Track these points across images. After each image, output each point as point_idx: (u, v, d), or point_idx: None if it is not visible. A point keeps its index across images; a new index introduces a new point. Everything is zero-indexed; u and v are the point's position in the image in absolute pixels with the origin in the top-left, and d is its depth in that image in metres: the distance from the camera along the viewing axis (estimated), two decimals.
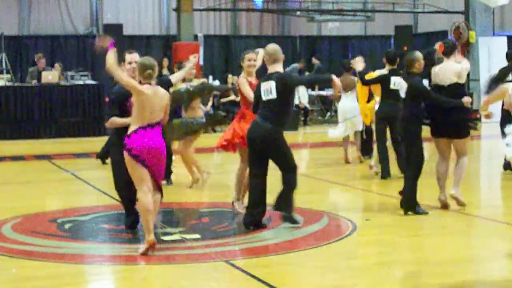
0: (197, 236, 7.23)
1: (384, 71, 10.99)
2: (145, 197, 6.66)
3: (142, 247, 6.69)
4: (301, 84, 7.13)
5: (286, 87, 7.50)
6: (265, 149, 7.55)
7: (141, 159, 6.61)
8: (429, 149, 9.44)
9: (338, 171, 12.14)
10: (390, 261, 6.51)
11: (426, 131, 8.45)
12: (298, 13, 25.55)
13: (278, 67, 7.66)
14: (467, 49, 22.02)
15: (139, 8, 25.62)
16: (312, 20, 25.42)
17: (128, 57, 7.40)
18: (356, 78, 11.81)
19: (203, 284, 5.99)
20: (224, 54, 25.58)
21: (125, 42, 19.52)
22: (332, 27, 26.37)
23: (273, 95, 7.50)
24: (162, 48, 24.04)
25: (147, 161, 6.63)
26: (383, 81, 10.76)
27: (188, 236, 7.24)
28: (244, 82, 8.29)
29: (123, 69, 7.13)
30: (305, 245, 7.03)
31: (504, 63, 11.33)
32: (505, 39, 21.76)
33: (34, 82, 18.79)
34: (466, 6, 22.36)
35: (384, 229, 7.84)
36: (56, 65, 20.46)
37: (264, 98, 7.56)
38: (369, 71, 11.85)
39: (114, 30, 19.32)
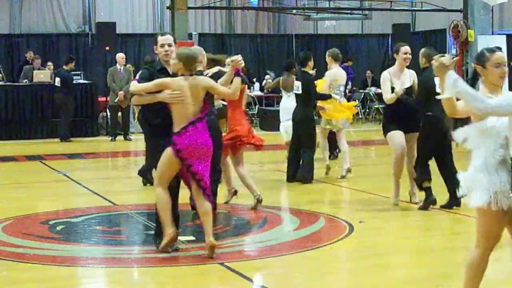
0: (191, 238, 7.14)
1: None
2: None
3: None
4: None
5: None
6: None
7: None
8: None
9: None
10: (387, 263, 6.47)
11: None
12: (294, 11, 25.38)
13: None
14: (466, 48, 21.90)
15: (132, 6, 25.41)
16: (309, 18, 25.27)
17: (161, 39, 6.67)
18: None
19: (198, 287, 5.91)
20: (219, 52, 25.36)
21: (118, 41, 19.29)
22: (329, 26, 26.22)
23: None
24: None
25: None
26: None
27: (182, 238, 7.12)
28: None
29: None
30: (302, 247, 6.94)
31: None
32: (504, 37, 21.62)
33: (25, 81, 18.61)
34: (465, 4, 22.23)
35: (381, 230, 7.77)
36: (49, 64, 20.27)
37: None
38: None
39: (107, 28, 19.14)
